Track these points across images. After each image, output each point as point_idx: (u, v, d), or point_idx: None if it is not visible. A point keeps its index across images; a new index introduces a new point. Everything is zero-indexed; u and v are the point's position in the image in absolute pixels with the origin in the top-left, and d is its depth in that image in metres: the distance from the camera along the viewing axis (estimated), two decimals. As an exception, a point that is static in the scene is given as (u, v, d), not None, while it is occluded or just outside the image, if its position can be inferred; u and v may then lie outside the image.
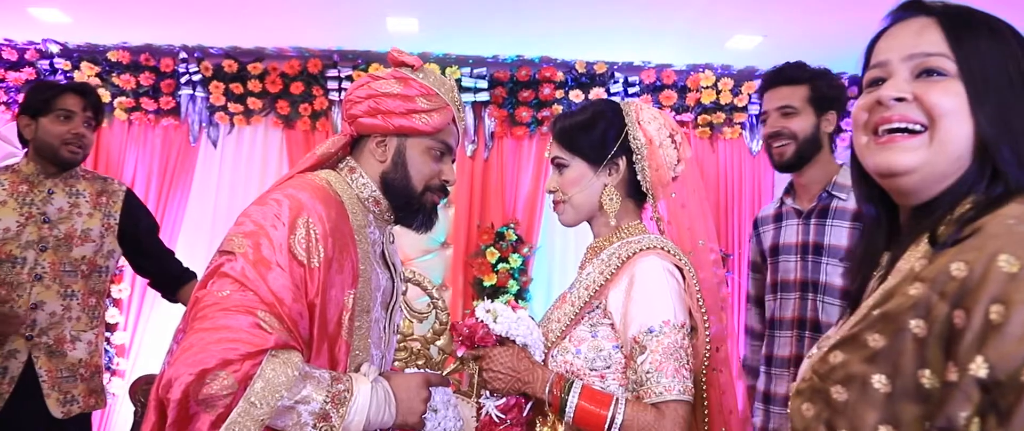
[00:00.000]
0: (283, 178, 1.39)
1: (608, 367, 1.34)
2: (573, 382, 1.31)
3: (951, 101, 0.80)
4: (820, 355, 0.85)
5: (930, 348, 0.70)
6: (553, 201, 1.50)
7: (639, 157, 1.43)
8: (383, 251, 1.47)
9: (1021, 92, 0.80)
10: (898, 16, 0.87)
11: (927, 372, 0.70)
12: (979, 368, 0.65)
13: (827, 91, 2.00)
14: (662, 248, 1.37)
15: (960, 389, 0.66)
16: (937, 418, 0.68)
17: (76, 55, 4.00)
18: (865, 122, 0.87)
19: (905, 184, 0.84)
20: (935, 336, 0.70)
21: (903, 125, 0.82)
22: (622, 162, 1.44)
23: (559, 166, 1.48)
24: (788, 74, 2.03)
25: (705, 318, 1.37)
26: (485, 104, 4.13)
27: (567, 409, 1.28)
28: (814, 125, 1.98)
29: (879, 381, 0.74)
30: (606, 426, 1.25)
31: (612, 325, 1.36)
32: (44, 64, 3.97)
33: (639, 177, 1.43)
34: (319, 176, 1.38)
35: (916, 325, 0.72)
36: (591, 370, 1.34)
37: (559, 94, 4.08)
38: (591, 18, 3.53)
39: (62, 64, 3.97)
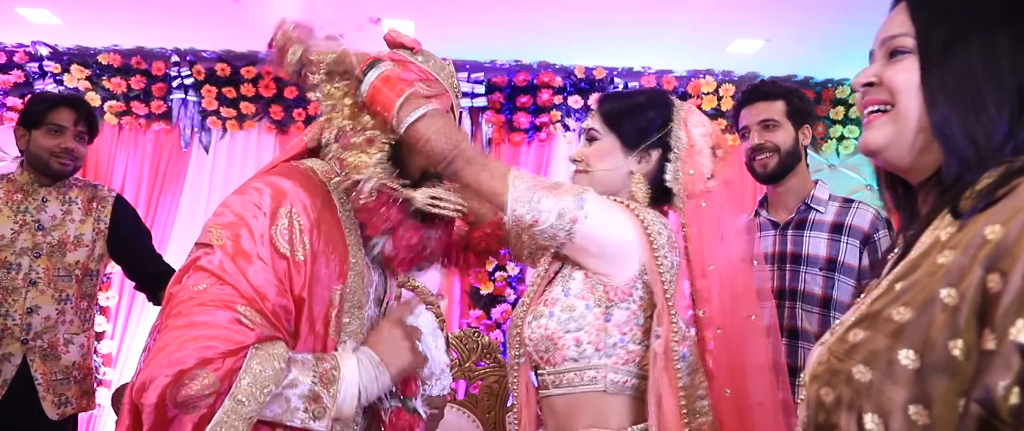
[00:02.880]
0: (267, 166, 1.32)
1: (581, 329, 1.29)
2: (380, 63, 1.24)
3: (906, 76, 0.82)
4: (837, 336, 0.81)
5: (963, 316, 0.66)
6: (574, 170, 1.45)
7: (675, 156, 1.38)
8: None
9: (989, 67, 0.77)
10: (889, 10, 0.91)
11: (959, 343, 0.65)
12: (1020, 332, 0.61)
13: (800, 105, 2.12)
14: (628, 206, 1.33)
15: (999, 356, 0.62)
16: (974, 390, 0.63)
17: (66, 58, 3.93)
18: (861, 110, 0.92)
19: (885, 160, 0.87)
20: (968, 303, 0.66)
21: (874, 107, 0.87)
22: (655, 155, 1.39)
23: (591, 138, 1.43)
24: (764, 90, 2.15)
25: (663, 284, 1.29)
26: (482, 109, 4.07)
27: (363, 85, 1.22)
28: (793, 138, 2.09)
29: (907, 357, 0.69)
30: (396, 106, 1.20)
31: (585, 273, 1.31)
32: (33, 67, 3.90)
33: (667, 176, 1.38)
34: (304, 164, 1.30)
35: (947, 294, 0.68)
36: (566, 332, 1.29)
37: (557, 99, 4.03)
38: (590, 22, 3.49)
39: (52, 67, 3.90)
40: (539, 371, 1.36)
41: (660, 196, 1.42)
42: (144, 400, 1.00)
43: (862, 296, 0.86)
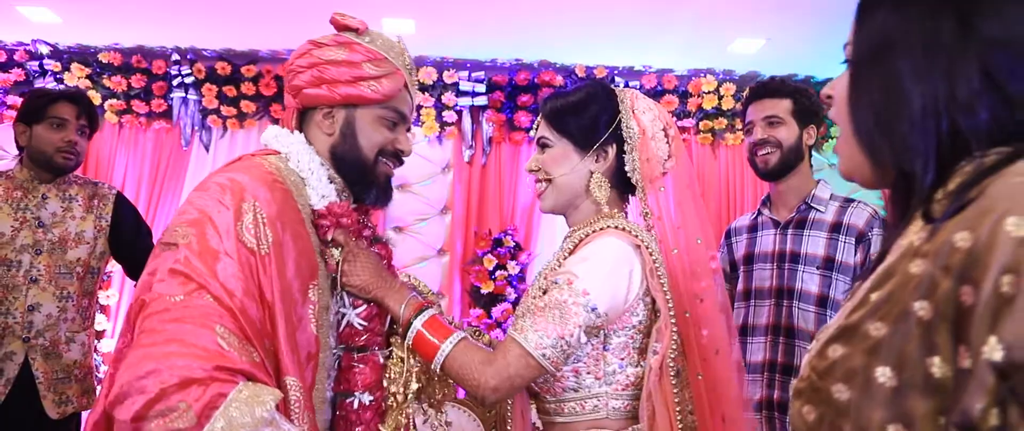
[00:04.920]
0: (231, 161, 1.30)
1: (579, 360, 1.28)
2: (427, 309, 1.28)
3: (840, 89, 0.79)
4: (817, 349, 0.77)
5: (938, 332, 0.62)
6: (535, 181, 1.44)
7: (630, 147, 1.36)
8: None
9: (910, 76, 0.73)
10: None
11: (936, 360, 0.62)
12: (993, 351, 0.57)
13: (808, 105, 2.15)
14: (617, 227, 1.32)
15: (974, 377, 0.58)
16: (952, 412, 0.60)
17: (66, 56, 3.93)
18: None
19: (860, 184, 0.82)
20: (942, 317, 0.62)
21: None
22: (611, 150, 1.37)
23: (543, 146, 1.41)
24: (772, 87, 2.18)
25: (668, 299, 1.30)
26: (483, 108, 4.07)
27: (410, 331, 1.26)
28: (797, 136, 2.11)
29: (883, 375, 0.65)
30: (435, 356, 1.24)
31: None
32: (33, 65, 3.90)
33: (627, 168, 1.37)
34: (268, 161, 1.27)
35: (920, 307, 0.64)
36: (564, 365, 1.28)
37: (558, 98, 4.02)
38: (591, 21, 3.48)
39: (52, 65, 3.90)
40: (539, 397, 1.36)
41: (624, 188, 1.41)
42: (119, 414, 0.97)
43: (846, 301, 0.83)
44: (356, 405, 1.26)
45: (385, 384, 1.30)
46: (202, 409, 0.95)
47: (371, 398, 1.27)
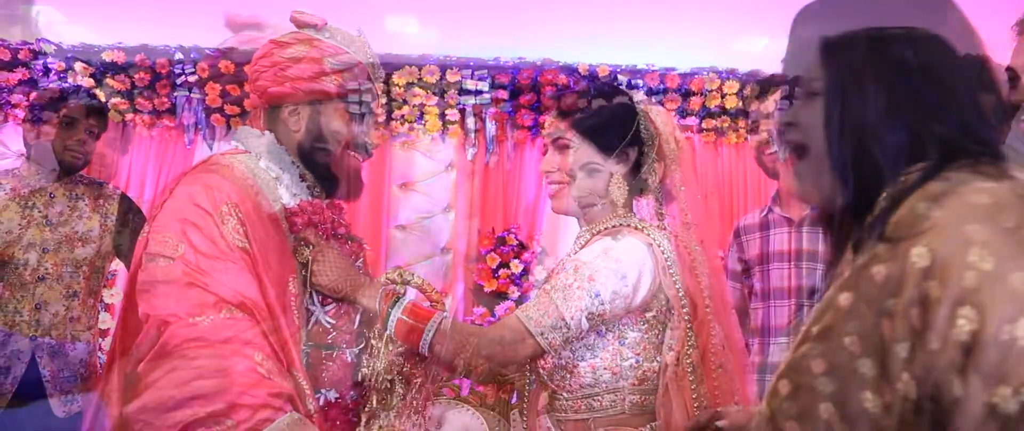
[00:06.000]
0: (200, 162, 1.31)
1: (596, 356, 1.30)
2: (402, 297, 1.28)
3: (815, 117, 0.81)
4: (771, 385, 0.78)
5: (867, 365, 0.63)
6: (550, 182, 1.44)
7: (648, 148, 1.39)
8: None
9: (878, 112, 0.73)
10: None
11: (868, 394, 0.62)
12: (907, 387, 0.57)
13: None
14: (630, 226, 1.35)
15: (891, 412, 0.59)
16: None
17: (70, 55, 3.93)
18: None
19: (815, 206, 0.86)
20: (867, 351, 0.63)
21: (792, 147, 0.87)
22: (633, 152, 1.39)
23: (562, 147, 1.41)
24: (778, 82, 2.15)
25: (681, 296, 1.32)
26: (486, 107, 4.07)
27: (389, 322, 1.25)
28: None
29: (827, 411, 0.66)
30: (421, 339, 1.23)
31: None
32: (37, 64, 3.90)
33: (644, 169, 1.40)
34: (238, 160, 1.28)
35: (851, 342, 0.65)
36: (581, 361, 1.30)
37: (561, 97, 4.03)
38: (594, 20, 3.49)
39: (56, 65, 3.90)
40: (555, 395, 1.36)
41: (635, 190, 1.42)
42: (158, 420, 0.97)
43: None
44: (322, 402, 1.27)
45: (373, 380, 1.30)
46: (247, 429, 0.97)
47: (337, 395, 1.28)
